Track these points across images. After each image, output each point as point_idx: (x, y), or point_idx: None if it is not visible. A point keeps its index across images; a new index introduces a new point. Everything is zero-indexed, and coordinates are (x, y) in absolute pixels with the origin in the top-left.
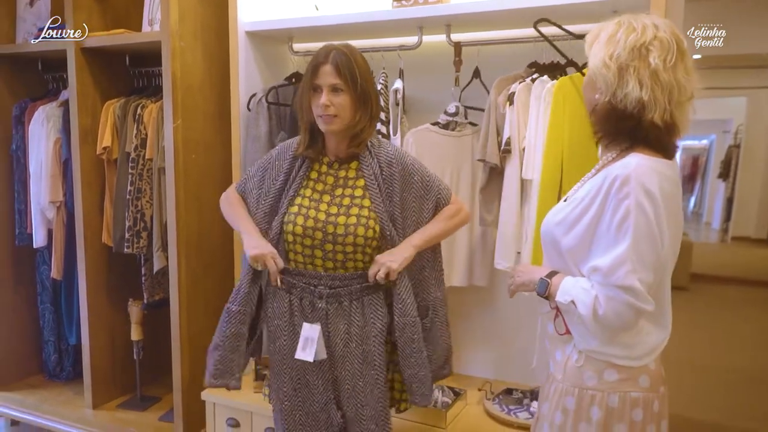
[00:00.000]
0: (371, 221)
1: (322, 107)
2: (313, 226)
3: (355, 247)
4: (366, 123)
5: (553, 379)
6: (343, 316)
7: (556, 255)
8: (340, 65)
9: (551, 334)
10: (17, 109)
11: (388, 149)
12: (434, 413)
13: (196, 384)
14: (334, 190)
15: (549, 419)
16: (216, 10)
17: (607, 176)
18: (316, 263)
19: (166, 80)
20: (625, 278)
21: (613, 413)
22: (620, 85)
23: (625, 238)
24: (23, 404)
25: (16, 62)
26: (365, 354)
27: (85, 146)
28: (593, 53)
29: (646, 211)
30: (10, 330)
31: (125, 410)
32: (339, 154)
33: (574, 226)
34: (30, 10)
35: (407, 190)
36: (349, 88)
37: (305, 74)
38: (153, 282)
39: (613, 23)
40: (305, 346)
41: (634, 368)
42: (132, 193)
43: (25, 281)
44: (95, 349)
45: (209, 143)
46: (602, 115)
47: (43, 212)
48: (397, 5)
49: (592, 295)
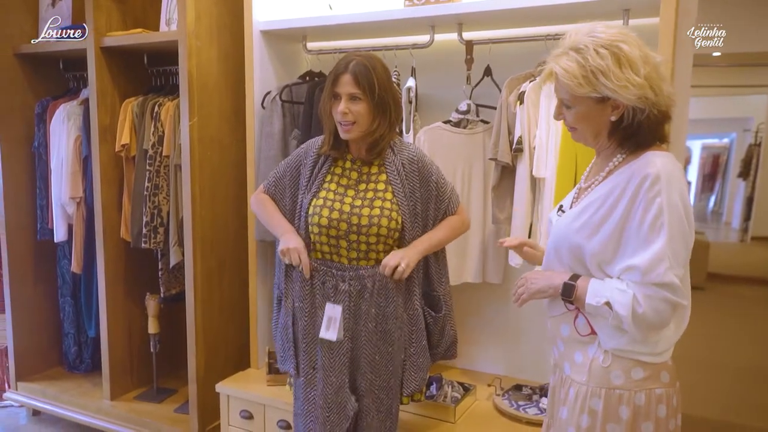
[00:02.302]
0: (394, 213)
1: (340, 114)
2: (338, 217)
3: (378, 237)
4: (385, 130)
5: (572, 381)
6: (365, 297)
7: (574, 260)
8: (358, 75)
9: (567, 336)
10: (39, 108)
11: (410, 148)
12: (443, 408)
13: (211, 376)
14: (358, 185)
15: (575, 423)
16: (231, 9)
17: (633, 175)
18: (341, 253)
19: (182, 79)
20: (665, 275)
21: (641, 411)
22: (657, 92)
23: (660, 235)
24: (44, 395)
25: (39, 61)
26: (384, 333)
27: (104, 144)
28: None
29: (677, 208)
30: (32, 322)
31: (142, 402)
32: (360, 156)
33: (600, 228)
34: (52, 10)
35: (423, 187)
36: (367, 97)
37: (327, 82)
38: (169, 276)
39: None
40: (329, 325)
41: (657, 364)
42: (149, 189)
43: (46, 275)
44: (113, 342)
45: (224, 140)
46: (648, 127)
47: (63, 208)
48: (409, 4)
49: (630, 295)
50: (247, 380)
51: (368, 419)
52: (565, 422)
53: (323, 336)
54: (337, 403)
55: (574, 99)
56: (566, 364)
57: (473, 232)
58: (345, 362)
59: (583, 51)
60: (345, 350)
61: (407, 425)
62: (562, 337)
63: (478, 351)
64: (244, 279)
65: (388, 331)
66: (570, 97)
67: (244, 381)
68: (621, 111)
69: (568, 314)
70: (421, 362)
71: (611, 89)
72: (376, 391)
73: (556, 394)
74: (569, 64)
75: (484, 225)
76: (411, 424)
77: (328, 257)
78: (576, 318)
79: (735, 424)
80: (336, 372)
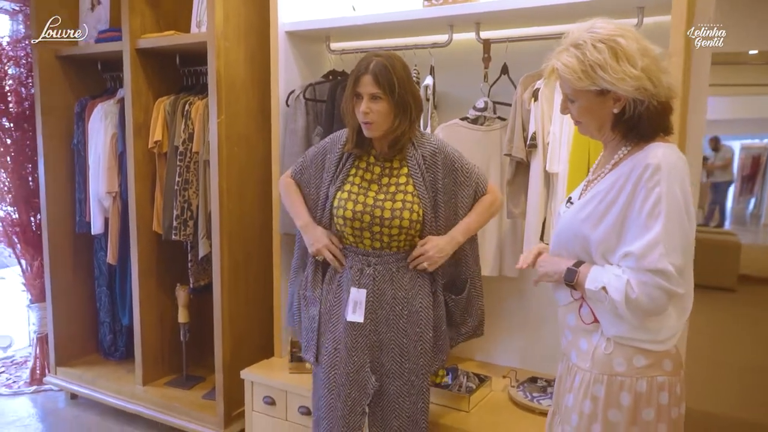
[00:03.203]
0: (415, 206)
1: (362, 114)
2: (361, 210)
3: (400, 229)
4: (406, 127)
5: (578, 369)
6: (390, 280)
7: (581, 249)
8: (378, 75)
9: (573, 325)
10: (78, 106)
11: (431, 140)
12: (458, 397)
13: (237, 364)
14: (381, 179)
15: (578, 409)
16: (258, 11)
17: (635, 166)
18: (365, 243)
19: (211, 78)
20: (658, 262)
21: (642, 398)
22: (656, 84)
23: (657, 223)
24: (81, 379)
25: (78, 63)
26: (411, 314)
27: (138, 140)
28: (610, 80)
29: (677, 198)
30: (70, 311)
31: (172, 388)
32: (383, 152)
33: (603, 218)
34: (91, 15)
35: (448, 176)
36: (388, 96)
37: (348, 83)
38: (198, 268)
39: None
40: (354, 309)
41: (659, 353)
42: (180, 184)
43: (83, 266)
44: (146, 331)
45: (250, 137)
46: (648, 118)
47: (100, 202)
48: (428, 4)
49: (624, 280)
50: (270, 368)
51: (400, 401)
52: (570, 409)
53: (350, 319)
54: (358, 381)
55: (576, 93)
56: (573, 352)
57: (490, 228)
58: (367, 343)
59: (582, 46)
60: (367, 332)
61: None
62: (569, 326)
63: (495, 344)
64: (269, 271)
65: (415, 312)
66: (572, 91)
67: (268, 369)
68: (622, 103)
69: (574, 303)
70: (441, 345)
71: (609, 82)
72: (407, 374)
73: (563, 382)
74: (569, 60)
75: (500, 220)
76: None
77: (353, 245)
78: (581, 307)
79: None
80: (358, 352)
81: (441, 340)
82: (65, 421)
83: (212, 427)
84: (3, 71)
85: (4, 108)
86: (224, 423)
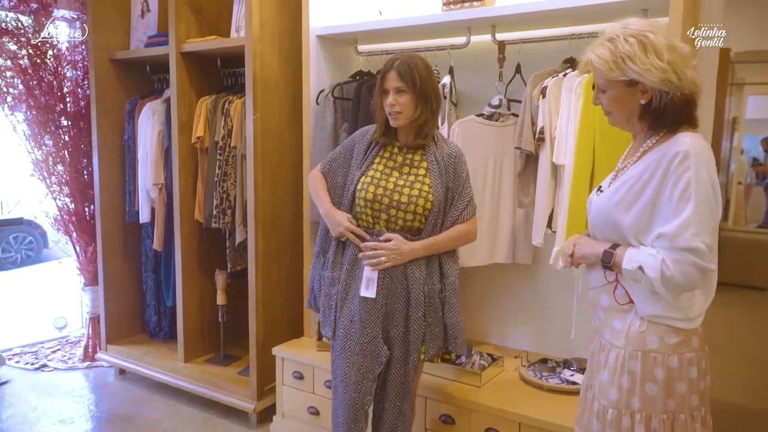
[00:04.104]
0: (429, 195)
1: (389, 106)
2: (381, 193)
3: (414, 215)
4: (428, 116)
5: (612, 346)
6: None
7: (614, 233)
8: (401, 71)
9: (607, 306)
10: (129, 105)
11: (451, 145)
12: (470, 374)
13: (269, 342)
14: (401, 168)
15: (616, 384)
16: (291, 17)
17: (665, 153)
18: (381, 224)
19: (248, 79)
20: (691, 240)
21: (674, 372)
22: (681, 77)
23: (688, 206)
24: (129, 356)
25: (129, 66)
26: (413, 282)
27: (182, 136)
28: (638, 71)
29: (704, 182)
30: (120, 294)
31: (210, 365)
32: (408, 143)
33: (635, 202)
34: (141, 21)
35: (454, 182)
36: (410, 89)
37: (378, 81)
38: (236, 254)
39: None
40: (368, 285)
41: (689, 330)
42: (219, 176)
43: (132, 252)
44: (187, 312)
45: (283, 133)
46: (672, 108)
47: (148, 193)
48: (447, 9)
49: (659, 259)
50: (299, 346)
51: (397, 368)
52: (607, 384)
53: (363, 294)
54: (371, 351)
55: (608, 83)
56: (606, 330)
57: (505, 217)
58: (379, 316)
59: (615, 40)
60: (379, 306)
61: (436, 387)
62: (602, 307)
63: (509, 329)
64: (299, 257)
65: (416, 281)
66: (604, 81)
67: (298, 346)
68: (649, 95)
69: (608, 285)
70: (437, 331)
71: (637, 72)
72: (406, 344)
73: (596, 359)
74: (603, 52)
75: (514, 210)
76: (439, 387)
77: (370, 226)
78: (615, 289)
79: None
80: (371, 325)
81: (437, 326)
82: (114, 393)
83: (246, 400)
84: (62, 74)
85: (63, 107)
86: (257, 396)
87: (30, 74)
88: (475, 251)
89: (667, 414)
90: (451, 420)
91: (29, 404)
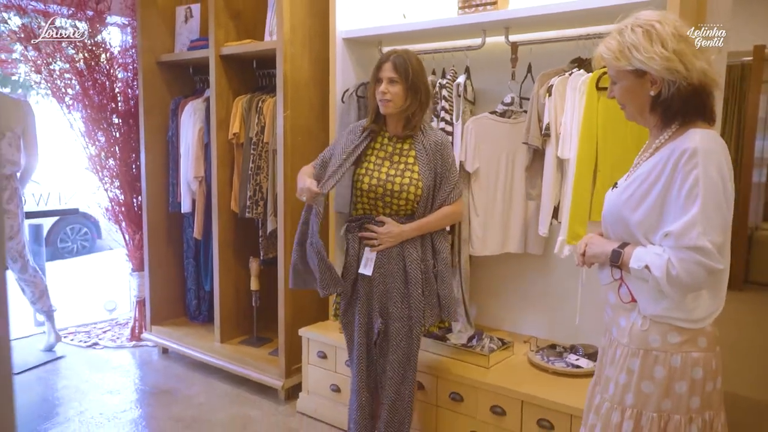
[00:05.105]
0: (419, 183)
1: (381, 93)
2: (376, 183)
3: (406, 201)
4: (416, 108)
5: (618, 343)
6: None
7: (624, 231)
8: (396, 63)
9: (613, 303)
10: (173, 104)
11: (437, 134)
12: (479, 355)
13: (297, 324)
14: (392, 157)
15: (614, 379)
16: (320, 22)
17: (673, 151)
18: (378, 210)
19: (279, 79)
20: (697, 239)
21: (676, 372)
22: (689, 67)
23: (695, 204)
24: (171, 336)
25: (174, 68)
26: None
27: (220, 133)
28: (641, 59)
29: (713, 179)
30: (164, 279)
31: (244, 346)
32: (397, 133)
33: (644, 200)
34: (185, 26)
35: (442, 167)
36: (402, 81)
37: (374, 70)
38: (268, 243)
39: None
40: (366, 264)
41: (694, 330)
42: (253, 170)
43: (174, 240)
44: (223, 296)
45: (311, 129)
46: (679, 98)
47: (189, 185)
48: (462, 13)
49: (665, 258)
50: (324, 328)
51: (398, 339)
52: (608, 379)
53: (361, 271)
54: (366, 322)
55: (618, 74)
56: (614, 328)
57: (516, 209)
58: (376, 292)
59: (623, 31)
60: (377, 282)
61: (446, 367)
62: (610, 304)
63: (522, 316)
64: (325, 244)
65: (413, 261)
66: (615, 72)
67: (322, 328)
68: (659, 86)
69: (614, 283)
70: (434, 303)
71: (641, 61)
72: (405, 319)
73: (606, 355)
74: (611, 43)
75: (526, 203)
76: (450, 368)
77: (368, 212)
78: (620, 287)
79: None
80: (369, 299)
81: (434, 297)
82: (157, 370)
83: (275, 378)
84: (114, 75)
85: (114, 107)
86: (285, 374)
87: (85, 76)
88: (488, 241)
89: (659, 413)
90: (460, 397)
91: (82, 377)
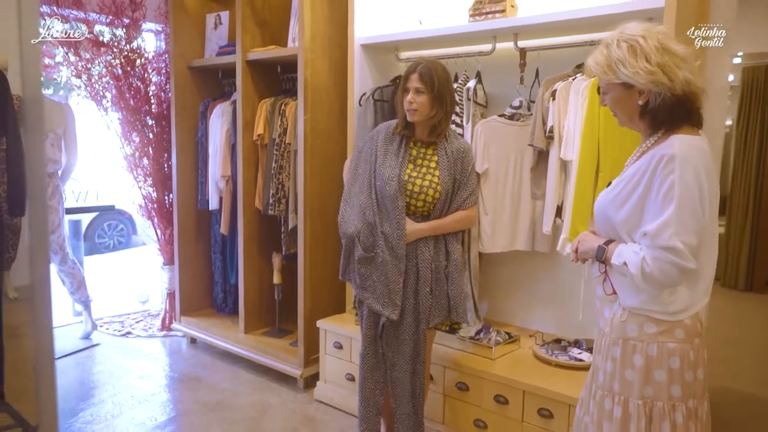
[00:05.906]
0: (438, 186)
1: (408, 103)
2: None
3: (424, 202)
4: (441, 117)
5: (603, 333)
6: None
7: (610, 228)
8: (422, 74)
9: (600, 296)
10: (203, 107)
11: (461, 141)
12: (484, 347)
13: (315, 316)
14: (415, 161)
15: (602, 368)
16: (339, 29)
17: (653, 156)
18: None
19: (300, 83)
20: (669, 240)
21: (653, 360)
22: (672, 78)
23: (670, 206)
24: (198, 327)
25: (204, 72)
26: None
27: (246, 134)
28: (627, 74)
29: (688, 184)
30: (192, 272)
31: (266, 337)
32: (422, 138)
33: (627, 200)
34: (214, 33)
35: (461, 174)
36: (429, 91)
37: (402, 80)
38: (289, 239)
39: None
40: None
41: (670, 322)
42: (275, 169)
43: (203, 236)
44: (248, 290)
45: (330, 132)
46: (664, 108)
47: (216, 183)
48: (472, 20)
49: (640, 257)
50: (341, 320)
51: (408, 333)
52: (597, 368)
53: None
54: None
55: (607, 86)
56: (600, 319)
57: (524, 208)
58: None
59: (610, 45)
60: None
61: (454, 358)
62: (598, 297)
63: (530, 312)
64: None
65: (426, 260)
66: (605, 84)
67: (339, 320)
68: (646, 96)
69: (601, 277)
70: (443, 303)
71: (627, 75)
72: (413, 314)
73: (596, 344)
74: (599, 57)
75: (533, 202)
76: (457, 359)
77: None
78: (604, 280)
79: None
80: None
81: (443, 299)
82: (185, 358)
83: (295, 367)
84: (148, 79)
85: (148, 109)
86: (304, 363)
87: (122, 80)
88: (497, 239)
89: (643, 400)
90: (466, 387)
91: (115, 363)
